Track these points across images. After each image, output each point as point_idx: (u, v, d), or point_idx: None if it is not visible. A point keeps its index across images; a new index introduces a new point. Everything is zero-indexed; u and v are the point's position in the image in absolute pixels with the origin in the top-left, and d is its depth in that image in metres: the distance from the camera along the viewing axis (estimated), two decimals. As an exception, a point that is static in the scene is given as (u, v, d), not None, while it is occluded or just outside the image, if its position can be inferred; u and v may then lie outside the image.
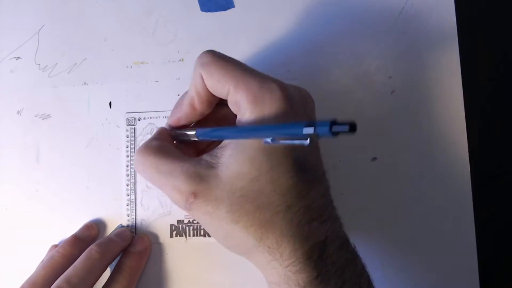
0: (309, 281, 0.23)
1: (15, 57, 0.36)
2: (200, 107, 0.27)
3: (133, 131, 0.35)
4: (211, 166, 0.24)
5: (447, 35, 0.34)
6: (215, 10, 0.35)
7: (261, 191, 0.23)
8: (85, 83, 0.35)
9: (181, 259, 0.33)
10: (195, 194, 0.24)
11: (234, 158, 0.24)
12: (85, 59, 0.36)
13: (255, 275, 0.32)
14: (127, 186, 0.34)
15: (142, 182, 0.34)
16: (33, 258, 0.33)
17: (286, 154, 0.24)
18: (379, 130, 0.33)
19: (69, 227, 0.34)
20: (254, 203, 0.23)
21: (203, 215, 0.25)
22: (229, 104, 0.26)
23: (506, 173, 0.33)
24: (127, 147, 0.34)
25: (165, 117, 0.34)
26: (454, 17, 0.34)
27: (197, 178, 0.24)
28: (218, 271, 0.33)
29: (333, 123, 0.18)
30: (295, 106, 0.24)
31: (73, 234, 0.33)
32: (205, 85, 0.26)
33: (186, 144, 0.30)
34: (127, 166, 0.34)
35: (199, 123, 0.29)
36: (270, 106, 0.23)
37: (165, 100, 0.35)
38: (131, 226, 0.34)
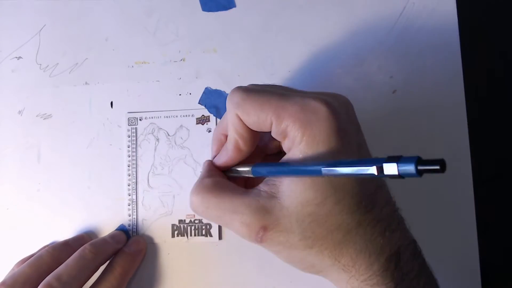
0: None
1: (16, 57, 0.36)
2: (246, 148, 0.27)
3: (135, 131, 0.35)
4: (273, 196, 0.24)
5: (448, 34, 0.34)
6: (217, 10, 0.35)
7: (330, 214, 0.23)
8: (86, 83, 0.35)
9: (183, 259, 0.33)
10: (264, 228, 0.24)
11: (294, 185, 0.23)
12: (86, 59, 0.36)
13: (256, 275, 0.32)
14: (129, 186, 0.34)
15: (143, 182, 0.34)
16: (34, 258, 0.33)
17: None
18: (380, 130, 0.33)
19: (69, 227, 0.34)
20: (324, 227, 0.23)
21: (276, 245, 0.24)
22: (274, 134, 0.25)
23: (508, 172, 0.33)
24: (128, 147, 0.34)
25: (166, 116, 0.34)
26: (456, 17, 0.34)
27: (263, 211, 0.24)
28: (219, 271, 0.33)
29: (419, 161, 0.16)
30: (341, 118, 0.24)
31: (65, 240, 0.33)
32: (245, 125, 0.25)
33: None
34: (128, 166, 0.34)
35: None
36: (319, 127, 0.23)
37: (167, 100, 0.35)
38: (132, 226, 0.34)
